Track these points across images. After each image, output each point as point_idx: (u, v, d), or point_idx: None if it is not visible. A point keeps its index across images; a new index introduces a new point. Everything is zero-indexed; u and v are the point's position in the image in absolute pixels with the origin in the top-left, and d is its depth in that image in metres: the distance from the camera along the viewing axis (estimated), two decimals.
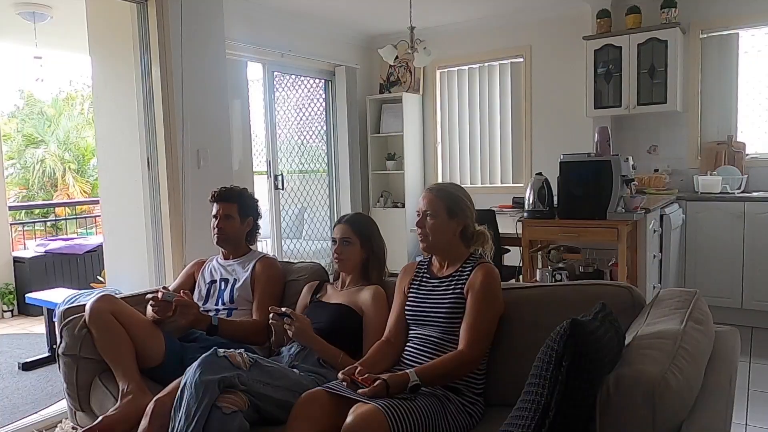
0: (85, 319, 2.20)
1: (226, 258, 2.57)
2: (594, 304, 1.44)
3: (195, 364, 1.72)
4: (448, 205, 1.93)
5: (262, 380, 1.78)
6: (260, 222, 2.64)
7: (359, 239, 2.22)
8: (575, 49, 4.97)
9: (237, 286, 2.44)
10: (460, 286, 1.87)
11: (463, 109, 5.98)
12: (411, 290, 2.00)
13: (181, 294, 2.24)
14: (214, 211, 2.51)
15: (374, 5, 5.09)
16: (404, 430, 1.56)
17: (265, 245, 5.54)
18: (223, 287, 2.48)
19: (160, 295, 2.17)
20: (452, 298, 1.87)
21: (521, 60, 5.57)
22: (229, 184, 2.62)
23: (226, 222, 2.48)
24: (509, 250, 4.05)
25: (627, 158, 3.42)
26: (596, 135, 3.39)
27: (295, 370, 1.97)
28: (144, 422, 1.80)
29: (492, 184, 5.86)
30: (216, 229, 2.49)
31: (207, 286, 2.52)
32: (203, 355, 1.74)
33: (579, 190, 3.33)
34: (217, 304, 2.45)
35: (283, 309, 2.03)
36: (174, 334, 2.28)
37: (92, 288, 4.70)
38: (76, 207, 8.94)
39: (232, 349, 1.81)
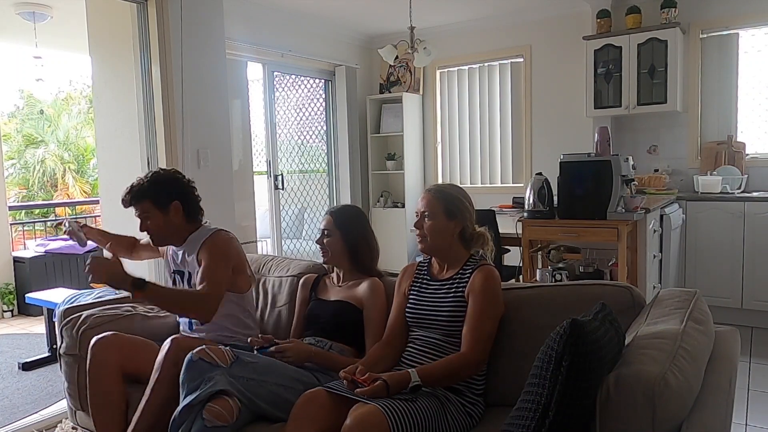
0: (87, 360, 2.10)
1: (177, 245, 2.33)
2: (594, 304, 1.45)
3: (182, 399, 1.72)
4: (447, 206, 1.92)
5: (245, 376, 1.77)
6: (194, 194, 2.30)
7: (339, 230, 2.21)
8: (575, 49, 4.97)
9: (193, 280, 2.23)
10: (461, 289, 1.87)
11: (463, 109, 5.98)
12: (412, 292, 1.99)
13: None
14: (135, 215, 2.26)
15: (374, 5, 5.09)
16: (404, 430, 1.56)
17: (265, 245, 5.55)
18: (179, 280, 2.33)
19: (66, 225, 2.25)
20: (453, 301, 1.86)
21: (521, 60, 5.57)
22: (137, 178, 2.35)
23: (149, 222, 2.23)
24: (509, 250, 4.05)
25: (627, 158, 3.42)
26: (596, 135, 3.39)
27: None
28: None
29: (492, 184, 5.86)
30: (145, 233, 2.26)
31: (171, 276, 2.36)
32: (184, 367, 1.74)
33: (579, 190, 3.33)
34: None
35: (268, 345, 1.92)
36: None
37: (92, 288, 4.68)
38: (76, 207, 8.94)
39: (213, 345, 1.80)
